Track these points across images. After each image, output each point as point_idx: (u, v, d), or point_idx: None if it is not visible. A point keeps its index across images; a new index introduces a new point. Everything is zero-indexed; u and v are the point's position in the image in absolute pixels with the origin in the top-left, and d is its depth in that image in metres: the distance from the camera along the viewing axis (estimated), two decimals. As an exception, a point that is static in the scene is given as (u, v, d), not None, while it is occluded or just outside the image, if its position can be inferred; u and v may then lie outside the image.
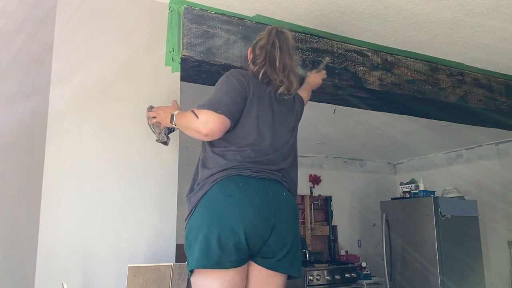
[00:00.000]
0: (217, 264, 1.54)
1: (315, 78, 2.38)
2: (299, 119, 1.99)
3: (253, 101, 1.74)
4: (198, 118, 1.65)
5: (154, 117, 1.97)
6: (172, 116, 1.84)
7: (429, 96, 3.03)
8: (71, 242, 1.94)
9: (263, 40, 1.87)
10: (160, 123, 1.97)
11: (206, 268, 1.57)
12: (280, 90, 1.80)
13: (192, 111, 1.70)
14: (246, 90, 1.74)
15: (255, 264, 1.66)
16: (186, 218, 1.70)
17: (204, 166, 1.72)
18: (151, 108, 2.04)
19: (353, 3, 2.36)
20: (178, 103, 2.26)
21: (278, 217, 1.63)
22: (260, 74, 1.81)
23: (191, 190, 1.74)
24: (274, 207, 1.63)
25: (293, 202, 1.77)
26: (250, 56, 1.94)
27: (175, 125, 1.85)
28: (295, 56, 1.94)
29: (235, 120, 1.69)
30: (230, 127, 1.69)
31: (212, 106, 1.65)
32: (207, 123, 1.63)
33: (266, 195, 1.64)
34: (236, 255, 1.56)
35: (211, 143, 1.73)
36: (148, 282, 1.84)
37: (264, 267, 1.65)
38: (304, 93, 2.18)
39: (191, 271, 1.64)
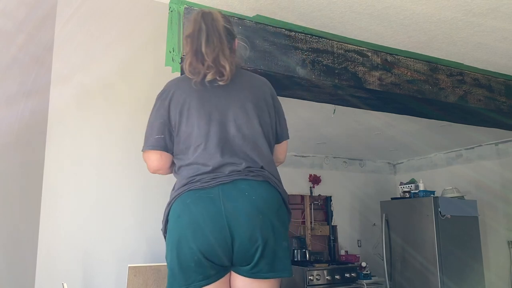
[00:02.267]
0: (185, 286, 1.50)
1: None
2: (265, 96, 1.70)
3: (183, 109, 1.60)
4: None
5: None
6: None
7: (429, 96, 3.03)
8: (71, 242, 1.94)
9: (188, 29, 1.66)
10: None
11: None
12: (209, 77, 1.59)
13: None
14: (168, 107, 1.62)
15: (236, 274, 1.56)
16: None
17: (173, 188, 1.67)
18: None
19: (353, 3, 2.36)
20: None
21: (235, 224, 1.47)
22: (186, 68, 1.63)
23: None
24: (226, 215, 1.47)
25: (260, 199, 1.52)
26: (184, 51, 1.77)
27: None
28: (230, 37, 1.69)
29: (166, 145, 1.61)
30: (170, 151, 1.63)
31: (143, 145, 1.64)
32: (147, 166, 1.66)
33: (215, 205, 1.49)
34: (203, 273, 1.49)
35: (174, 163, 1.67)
36: (148, 282, 1.84)
37: (243, 276, 1.54)
38: None
39: None
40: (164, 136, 1.62)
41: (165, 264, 1.88)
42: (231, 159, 1.56)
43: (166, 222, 1.59)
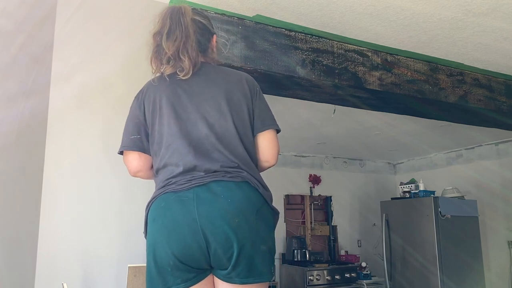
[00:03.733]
0: None
1: None
2: (243, 91, 1.62)
3: (154, 108, 1.57)
4: None
5: None
6: None
7: (429, 96, 3.03)
8: (71, 242, 1.94)
9: (155, 27, 1.62)
10: None
11: None
12: (166, 71, 1.57)
13: None
14: (141, 106, 1.60)
15: (216, 278, 1.51)
16: None
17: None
18: None
19: (353, 3, 2.36)
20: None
21: (210, 227, 1.42)
22: (151, 65, 1.61)
23: None
24: (200, 218, 1.42)
25: (238, 201, 1.46)
26: None
27: None
28: (202, 31, 1.64)
29: (141, 145, 1.59)
30: (148, 153, 1.60)
31: (120, 146, 1.61)
32: (127, 167, 1.62)
33: (189, 208, 1.44)
34: (180, 277, 1.45)
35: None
36: (148, 282, 1.84)
37: (223, 280, 1.49)
38: None
39: None
40: (140, 136, 1.59)
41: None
42: (205, 159, 1.50)
43: (145, 224, 1.56)
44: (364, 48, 2.84)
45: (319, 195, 6.13)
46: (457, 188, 5.30)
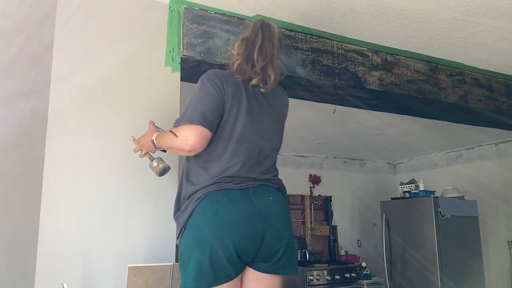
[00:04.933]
0: (213, 282, 1.55)
1: None
2: (286, 115, 1.91)
3: (233, 104, 1.67)
4: (177, 136, 1.62)
5: (141, 151, 1.94)
6: (153, 141, 1.83)
7: (429, 96, 3.03)
8: (71, 242, 1.94)
9: (247, 32, 1.80)
10: (150, 153, 1.92)
11: None
12: (254, 81, 1.71)
13: (171, 131, 1.67)
14: (222, 94, 1.66)
15: (251, 269, 1.67)
16: (178, 237, 1.69)
17: (188, 180, 1.69)
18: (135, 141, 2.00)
19: (353, 3, 2.36)
20: (179, 103, 2.27)
21: (267, 224, 1.61)
22: (235, 67, 1.74)
23: (178, 208, 1.71)
24: (260, 216, 1.61)
25: (282, 204, 1.71)
26: (236, 51, 1.85)
27: (160, 148, 1.84)
28: (279, 51, 1.84)
29: (214, 127, 1.64)
30: (212, 135, 1.65)
31: (188, 118, 1.61)
32: (186, 140, 1.59)
33: (250, 206, 1.61)
34: (230, 269, 1.57)
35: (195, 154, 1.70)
36: (148, 282, 1.84)
37: (261, 271, 1.66)
38: None
39: None
40: (218, 122, 1.66)
41: (165, 264, 1.88)
42: (257, 167, 1.69)
43: (189, 217, 1.62)
44: (364, 48, 2.84)
45: (319, 195, 6.14)
46: (457, 188, 5.30)
